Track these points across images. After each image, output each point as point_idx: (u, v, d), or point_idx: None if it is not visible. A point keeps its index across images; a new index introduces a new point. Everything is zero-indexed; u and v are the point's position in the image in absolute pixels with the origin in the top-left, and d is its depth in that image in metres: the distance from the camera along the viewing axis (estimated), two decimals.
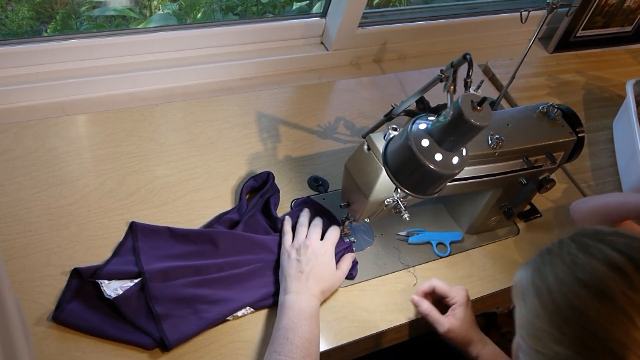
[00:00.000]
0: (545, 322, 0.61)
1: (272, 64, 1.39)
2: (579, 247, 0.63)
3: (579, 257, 0.62)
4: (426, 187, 0.84)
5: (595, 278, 0.59)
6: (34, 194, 1.01)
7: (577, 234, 0.66)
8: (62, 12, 1.36)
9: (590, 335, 0.57)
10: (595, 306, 0.58)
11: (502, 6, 1.66)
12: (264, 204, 1.07)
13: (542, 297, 0.62)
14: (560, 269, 0.62)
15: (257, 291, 0.95)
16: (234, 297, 0.93)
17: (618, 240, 0.62)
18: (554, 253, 0.65)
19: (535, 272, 0.65)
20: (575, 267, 0.61)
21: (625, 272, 0.58)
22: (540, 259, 0.66)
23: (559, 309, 0.60)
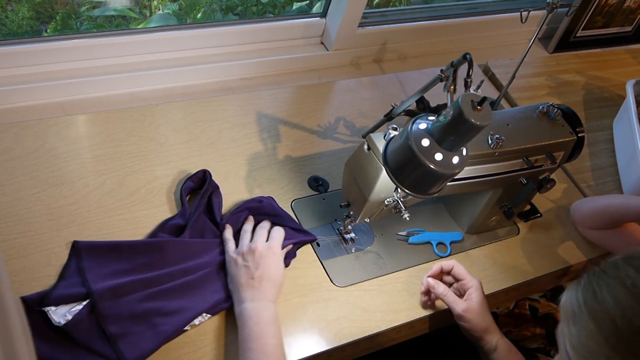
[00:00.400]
0: (602, 345, 0.61)
1: (272, 64, 1.39)
2: (638, 269, 0.63)
3: (639, 280, 0.62)
4: (426, 187, 0.84)
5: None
6: (34, 194, 1.01)
7: (632, 257, 0.66)
8: (62, 12, 1.36)
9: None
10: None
11: (502, 6, 1.66)
12: (207, 204, 1.04)
13: (599, 320, 0.62)
14: (620, 292, 0.62)
15: (212, 296, 0.92)
16: (189, 305, 0.90)
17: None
18: (610, 275, 0.64)
19: (588, 293, 0.64)
20: (636, 290, 0.61)
21: None
22: (595, 280, 0.65)
23: (620, 332, 0.60)
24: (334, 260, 1.05)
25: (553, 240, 1.20)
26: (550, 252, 1.18)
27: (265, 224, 1.01)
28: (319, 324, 0.96)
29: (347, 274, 1.04)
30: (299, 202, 1.12)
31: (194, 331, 0.91)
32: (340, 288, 1.02)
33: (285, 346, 0.92)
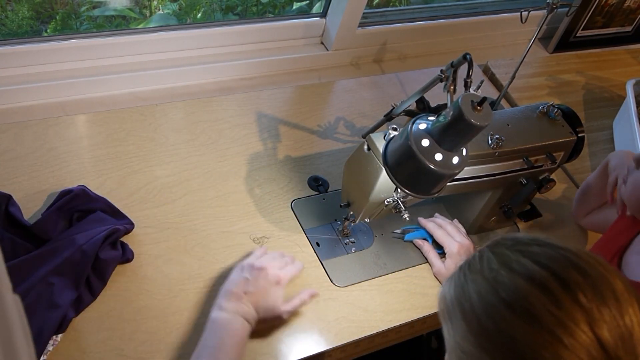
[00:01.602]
0: (473, 346, 0.58)
1: (272, 64, 1.39)
2: (500, 260, 0.60)
3: (500, 274, 0.58)
4: (426, 187, 0.84)
5: (519, 296, 0.56)
6: (34, 194, 1.01)
7: (497, 244, 0.62)
8: (62, 12, 1.36)
9: (517, 356, 0.55)
10: (522, 329, 0.55)
11: (502, 6, 1.66)
12: (6, 218, 0.94)
13: (468, 319, 0.59)
14: (483, 288, 0.59)
15: (52, 313, 0.85)
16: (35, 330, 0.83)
17: (538, 250, 0.59)
18: (475, 269, 0.61)
19: (458, 289, 0.61)
20: (498, 285, 0.58)
21: (547, 287, 0.55)
22: (463, 275, 0.62)
23: (486, 331, 0.57)
24: (334, 260, 1.05)
25: None
26: None
27: (288, 258, 0.97)
28: (319, 324, 0.96)
29: (347, 274, 1.04)
30: (299, 202, 1.12)
31: (194, 331, 0.91)
32: (340, 288, 1.02)
33: (285, 346, 0.92)
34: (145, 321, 0.91)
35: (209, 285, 0.97)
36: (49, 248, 0.92)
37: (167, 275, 0.97)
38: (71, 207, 0.97)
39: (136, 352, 0.87)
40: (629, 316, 0.55)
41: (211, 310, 0.87)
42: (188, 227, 1.03)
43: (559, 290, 0.55)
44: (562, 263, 0.57)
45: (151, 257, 0.98)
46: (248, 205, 1.09)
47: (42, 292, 0.87)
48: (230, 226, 1.05)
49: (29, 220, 0.96)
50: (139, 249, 0.98)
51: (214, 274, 0.98)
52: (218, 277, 0.98)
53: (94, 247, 0.91)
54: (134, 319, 0.91)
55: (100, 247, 0.91)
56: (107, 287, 0.93)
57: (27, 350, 0.47)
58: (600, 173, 1.13)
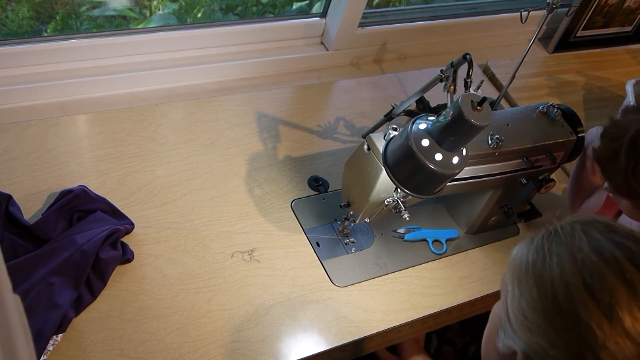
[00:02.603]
0: (541, 317, 0.58)
1: (272, 64, 1.39)
2: (592, 244, 0.58)
3: (590, 258, 0.57)
4: (426, 187, 0.84)
5: (606, 289, 0.55)
6: (34, 194, 1.01)
7: (590, 224, 0.61)
8: (62, 12, 1.36)
9: (586, 346, 0.55)
10: (600, 321, 0.55)
11: (502, 6, 1.66)
12: (6, 218, 0.94)
13: (543, 290, 0.58)
14: (568, 265, 0.58)
15: (51, 314, 0.85)
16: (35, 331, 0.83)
17: (634, 249, 0.58)
18: (563, 243, 0.60)
19: (540, 256, 0.60)
20: (585, 269, 0.57)
21: (636, 289, 0.55)
22: (548, 243, 0.61)
23: (560, 310, 0.57)
24: (334, 260, 1.05)
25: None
26: None
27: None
28: (319, 324, 0.96)
29: (347, 274, 1.04)
30: (299, 202, 1.12)
31: (194, 331, 0.91)
32: (340, 288, 1.02)
33: (285, 346, 0.92)
34: (145, 321, 0.91)
35: (209, 285, 0.97)
36: (49, 248, 0.92)
37: (167, 275, 0.97)
38: (71, 207, 0.97)
39: (136, 352, 0.87)
40: None
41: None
42: (188, 227, 1.03)
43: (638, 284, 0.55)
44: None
45: (151, 257, 0.98)
46: (248, 205, 1.09)
47: (42, 292, 0.87)
48: (230, 226, 1.05)
49: (29, 220, 0.96)
50: (139, 249, 0.98)
51: (214, 274, 0.98)
52: (218, 277, 0.98)
53: (94, 247, 0.91)
54: (134, 319, 0.91)
55: (101, 247, 0.91)
56: (107, 287, 0.93)
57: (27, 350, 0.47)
58: (582, 157, 1.13)
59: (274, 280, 1.00)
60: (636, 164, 0.89)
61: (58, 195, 0.99)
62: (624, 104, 1.43)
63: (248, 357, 0.90)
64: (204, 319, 0.93)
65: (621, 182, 0.91)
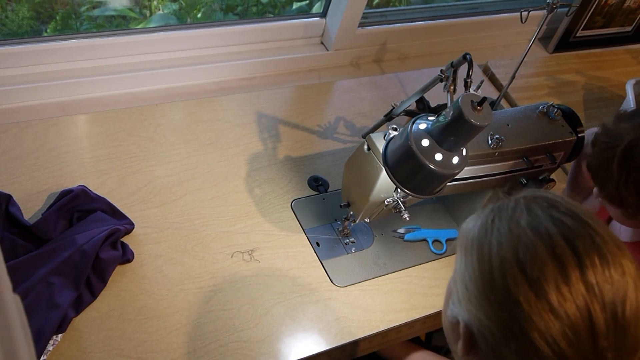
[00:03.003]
0: (479, 291, 0.59)
1: (272, 64, 1.39)
2: (530, 220, 0.59)
3: (526, 234, 0.58)
4: (426, 187, 0.84)
5: (536, 264, 0.56)
6: (34, 194, 1.01)
7: (534, 200, 0.62)
8: (62, 12, 1.36)
9: (517, 324, 0.56)
10: (527, 295, 0.56)
11: (502, 6, 1.66)
12: (6, 218, 0.94)
13: (482, 263, 0.60)
14: (505, 240, 0.59)
15: (51, 314, 0.86)
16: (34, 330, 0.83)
17: (570, 224, 0.58)
18: (505, 217, 0.61)
19: (482, 230, 0.62)
20: (520, 244, 0.58)
21: (566, 267, 0.56)
22: (491, 218, 0.62)
23: (495, 284, 0.58)
24: (334, 260, 1.05)
25: None
26: None
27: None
28: (319, 324, 0.96)
29: (347, 274, 1.04)
30: (299, 202, 1.12)
31: (194, 331, 0.91)
32: (340, 288, 1.02)
33: (285, 346, 0.92)
34: (145, 321, 0.91)
35: (209, 285, 0.97)
36: (49, 248, 0.92)
37: (167, 275, 0.97)
38: (71, 207, 0.97)
39: (136, 352, 0.88)
40: (630, 306, 0.55)
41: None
42: (188, 227, 1.03)
43: (574, 272, 0.55)
44: (587, 243, 0.57)
45: (151, 257, 0.98)
46: (248, 205, 1.09)
47: (42, 292, 0.87)
48: (230, 226, 1.05)
49: (29, 220, 0.96)
50: (139, 249, 0.98)
51: (214, 274, 0.98)
52: (218, 277, 0.98)
53: (94, 247, 0.91)
54: (134, 319, 0.91)
55: (101, 247, 0.91)
56: (107, 287, 0.93)
57: (27, 350, 0.47)
58: (576, 161, 1.12)
59: (274, 280, 1.00)
60: (629, 175, 0.87)
61: (58, 195, 0.99)
62: (624, 104, 1.43)
63: (248, 357, 0.90)
64: (204, 319, 0.93)
65: (613, 192, 0.90)
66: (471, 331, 0.61)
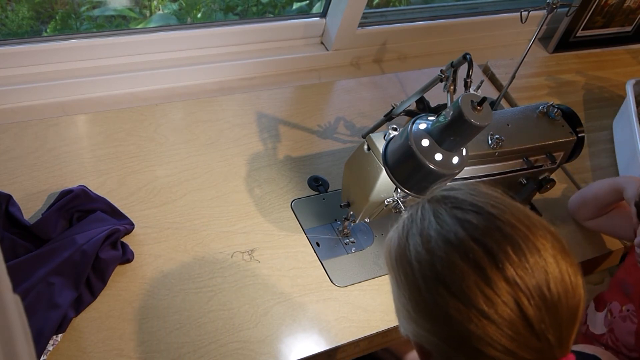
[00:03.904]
0: (416, 311, 0.61)
1: (272, 64, 1.39)
2: (438, 226, 0.60)
3: (438, 245, 0.59)
4: (426, 187, 0.84)
5: (455, 275, 0.57)
6: (34, 194, 1.01)
7: (438, 202, 0.63)
8: (62, 12, 1.36)
9: (455, 334, 0.57)
10: (457, 307, 0.57)
11: (502, 6, 1.66)
12: (6, 218, 0.94)
13: (410, 285, 0.61)
14: (423, 258, 0.60)
15: (51, 314, 0.85)
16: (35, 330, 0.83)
17: (475, 222, 0.59)
18: (417, 230, 0.62)
19: (400, 247, 0.63)
20: (435, 259, 0.59)
21: (484, 269, 0.56)
22: (406, 231, 0.63)
23: (425, 304, 0.59)
24: (334, 260, 1.05)
25: None
26: None
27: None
28: (319, 324, 0.96)
29: (347, 274, 1.04)
30: (299, 202, 1.12)
31: (194, 331, 0.91)
32: (340, 288, 1.02)
33: (285, 346, 0.92)
34: (145, 321, 0.91)
35: (209, 285, 0.97)
36: (49, 248, 0.92)
37: (167, 275, 0.97)
38: (71, 207, 0.97)
39: (136, 352, 0.88)
40: (554, 282, 0.57)
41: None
42: (188, 227, 1.03)
43: (491, 269, 0.56)
44: (496, 237, 0.58)
45: (151, 257, 0.98)
46: (248, 205, 1.09)
47: (42, 292, 0.87)
48: (230, 226, 1.05)
49: (29, 220, 0.96)
50: (139, 249, 0.98)
51: (214, 274, 0.98)
52: (218, 277, 0.98)
53: (94, 247, 0.91)
54: (134, 319, 0.91)
55: (101, 247, 0.91)
56: (107, 287, 0.93)
57: (27, 350, 0.47)
58: (608, 191, 1.11)
59: (274, 280, 1.00)
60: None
61: (58, 195, 0.99)
62: (624, 104, 1.43)
63: (248, 357, 0.90)
64: (204, 319, 0.93)
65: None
66: (422, 346, 0.63)
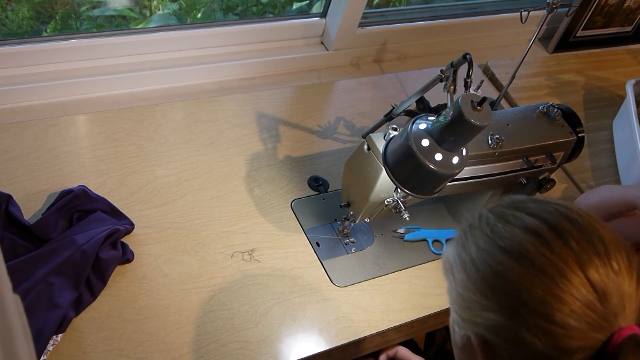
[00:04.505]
0: (473, 292, 0.62)
1: (272, 64, 1.39)
2: (497, 216, 0.64)
3: (497, 226, 0.63)
4: (426, 187, 0.84)
5: (514, 243, 0.60)
6: (34, 194, 1.01)
7: (495, 206, 0.67)
8: (62, 12, 1.36)
9: (515, 299, 0.59)
10: (516, 269, 0.59)
11: (502, 6, 1.66)
12: (6, 218, 0.94)
13: (467, 269, 0.64)
14: (481, 240, 0.63)
15: (51, 314, 0.85)
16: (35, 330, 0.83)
17: (533, 206, 0.63)
18: (475, 226, 0.66)
19: (459, 246, 0.66)
20: (495, 236, 0.62)
21: (541, 234, 0.60)
22: (463, 233, 0.67)
23: (484, 277, 0.61)
24: (333, 260, 1.05)
25: None
26: None
27: None
28: (319, 324, 0.96)
29: (347, 274, 1.04)
30: (299, 202, 1.12)
31: (194, 331, 0.91)
32: (340, 288, 1.02)
33: (285, 346, 0.92)
34: (145, 321, 0.91)
35: (209, 285, 0.97)
36: (49, 248, 0.92)
37: (167, 275, 0.97)
38: (71, 207, 0.97)
39: (136, 352, 0.88)
40: (616, 261, 0.58)
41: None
42: (188, 227, 1.03)
43: (551, 237, 0.59)
44: (554, 214, 0.62)
45: (151, 257, 0.98)
46: (248, 205, 1.09)
47: (42, 292, 0.87)
48: (230, 226, 1.05)
49: (29, 220, 0.96)
50: (139, 249, 0.98)
51: (214, 274, 0.98)
52: (218, 277, 0.98)
53: (94, 247, 0.91)
54: (134, 319, 0.91)
55: (101, 247, 0.92)
56: (107, 287, 0.93)
57: (27, 350, 0.47)
58: (619, 205, 1.11)
59: (274, 280, 1.00)
60: None
61: (58, 195, 0.99)
62: (624, 104, 1.43)
63: (248, 357, 0.90)
64: (204, 319, 0.93)
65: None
66: (485, 340, 0.62)
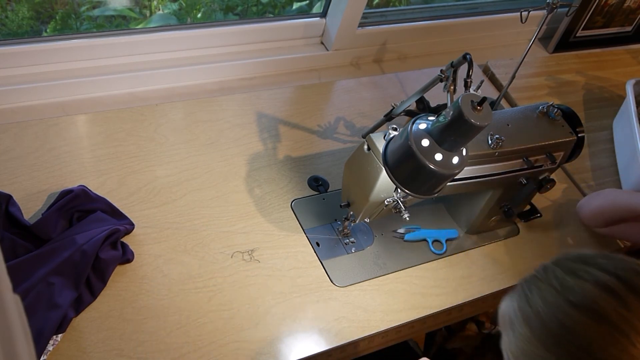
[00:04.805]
0: (536, 347, 0.61)
1: (272, 64, 1.39)
2: (566, 271, 0.63)
3: (567, 280, 0.62)
4: (426, 187, 0.84)
5: (587, 299, 0.59)
6: (34, 194, 1.01)
7: (561, 259, 0.66)
8: (62, 12, 1.36)
9: (584, 353, 0.57)
10: (590, 327, 0.57)
11: (502, 6, 1.66)
12: (6, 218, 0.94)
13: (531, 323, 0.62)
14: (548, 294, 0.62)
15: (51, 314, 0.85)
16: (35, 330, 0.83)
17: (604, 262, 0.62)
18: (540, 279, 0.65)
19: (521, 299, 0.65)
20: (565, 290, 0.61)
21: (617, 291, 0.58)
22: (527, 286, 0.66)
23: (550, 331, 0.60)
24: (334, 260, 1.05)
25: (553, 241, 1.20)
26: (550, 252, 1.18)
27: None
28: (319, 324, 0.96)
29: (347, 274, 1.04)
30: (299, 202, 1.12)
31: (194, 331, 0.91)
32: (340, 288, 1.02)
33: (285, 346, 0.92)
34: (145, 321, 0.91)
35: (209, 285, 0.97)
36: (49, 248, 0.92)
37: (167, 275, 0.97)
38: (71, 207, 0.97)
39: (136, 352, 0.87)
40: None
41: None
42: (188, 227, 1.03)
43: (627, 294, 0.58)
44: (628, 270, 0.60)
45: (151, 257, 0.98)
46: (248, 205, 1.09)
47: (42, 292, 0.87)
48: (230, 226, 1.05)
49: (29, 220, 0.96)
50: (139, 249, 0.98)
51: (214, 274, 0.98)
52: (218, 277, 0.98)
53: (94, 247, 0.91)
54: (134, 319, 0.91)
55: (101, 247, 0.92)
56: (107, 287, 0.93)
57: (27, 350, 0.47)
58: (625, 212, 1.11)
59: (274, 280, 1.00)
60: None
61: (58, 195, 0.99)
62: (624, 104, 1.43)
63: (248, 357, 0.90)
64: (204, 319, 0.93)
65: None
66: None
